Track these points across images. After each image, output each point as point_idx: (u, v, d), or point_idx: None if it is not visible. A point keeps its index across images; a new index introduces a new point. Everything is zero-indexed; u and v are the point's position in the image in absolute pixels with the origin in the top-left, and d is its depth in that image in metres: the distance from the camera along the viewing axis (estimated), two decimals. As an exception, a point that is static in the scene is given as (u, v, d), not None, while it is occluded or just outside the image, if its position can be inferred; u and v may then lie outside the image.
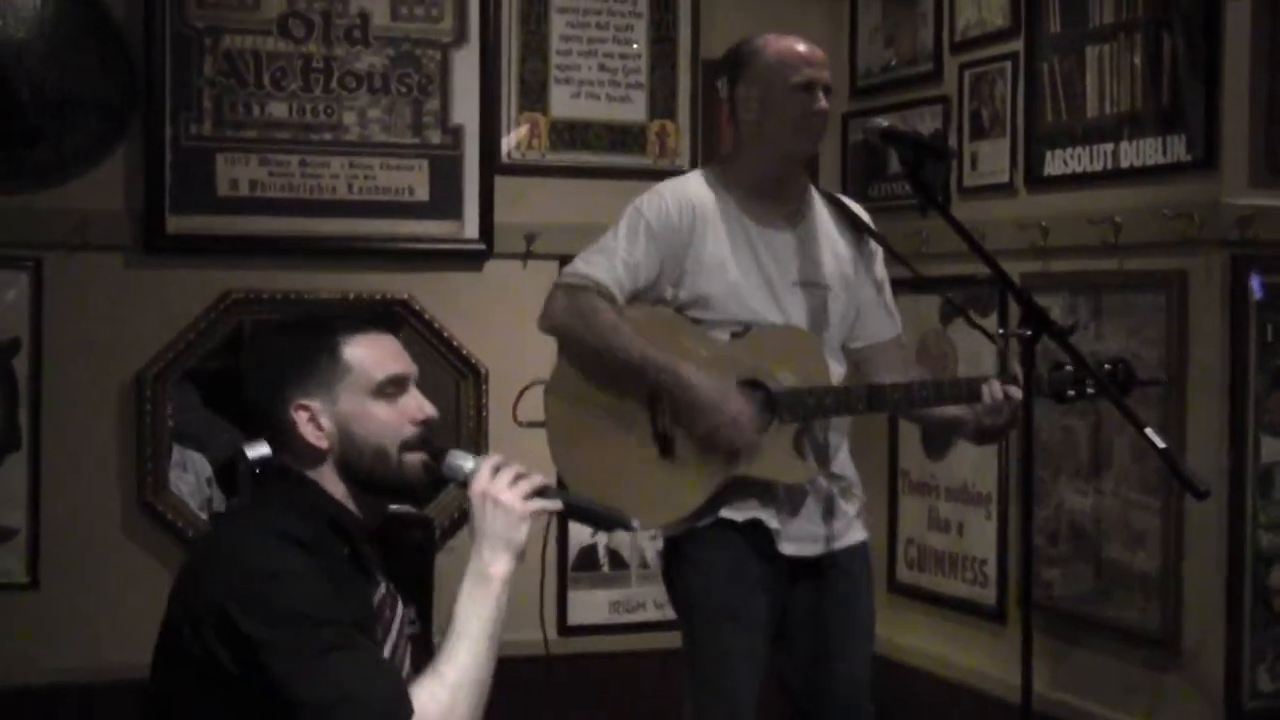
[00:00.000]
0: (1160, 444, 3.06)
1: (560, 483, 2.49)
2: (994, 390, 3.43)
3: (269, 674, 2.27)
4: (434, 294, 4.96)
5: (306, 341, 2.53)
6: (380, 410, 2.50)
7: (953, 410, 3.57)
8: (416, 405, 2.54)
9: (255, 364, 2.58)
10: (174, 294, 4.73)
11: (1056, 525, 4.38)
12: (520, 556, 2.45)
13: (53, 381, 4.62)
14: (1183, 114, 4.00)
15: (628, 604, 5.13)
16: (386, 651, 2.46)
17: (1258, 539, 3.92)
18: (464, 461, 2.53)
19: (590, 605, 5.10)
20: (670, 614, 3.74)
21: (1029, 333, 3.17)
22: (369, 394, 2.50)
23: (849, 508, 3.64)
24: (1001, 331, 4.36)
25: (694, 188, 3.60)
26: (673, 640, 3.72)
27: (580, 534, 5.07)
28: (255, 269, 4.81)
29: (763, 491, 3.51)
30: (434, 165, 4.96)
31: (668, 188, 3.62)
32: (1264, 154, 3.93)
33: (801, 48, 3.57)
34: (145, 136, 4.68)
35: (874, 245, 3.70)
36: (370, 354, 2.52)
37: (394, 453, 2.50)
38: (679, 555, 3.59)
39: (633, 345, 3.46)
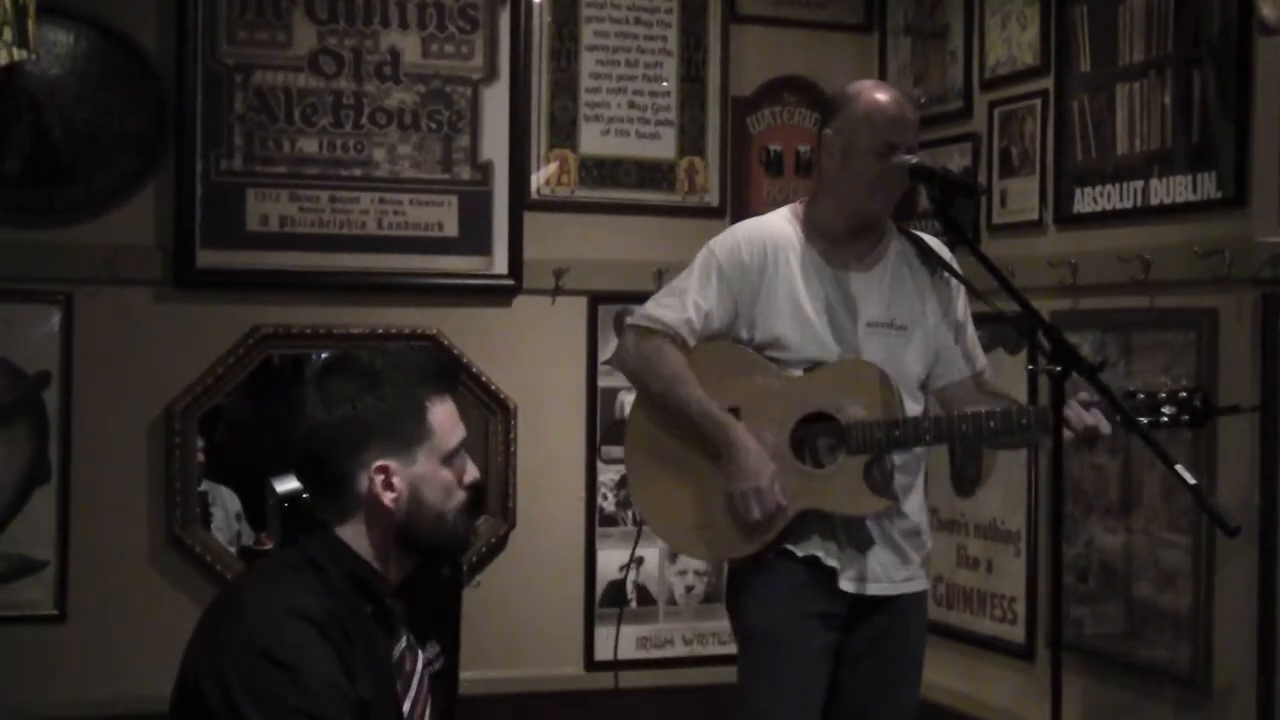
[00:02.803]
0: (1191, 481, 3.05)
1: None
2: (1081, 416, 3.35)
3: None
4: (463, 329, 4.96)
5: (394, 401, 2.49)
6: (445, 475, 2.51)
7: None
8: (468, 469, 2.57)
9: (335, 419, 2.48)
10: (204, 328, 4.75)
11: (1086, 563, 4.36)
12: None
13: (83, 415, 4.64)
14: (1213, 151, 3.99)
15: (655, 640, 5.09)
16: (407, 706, 2.48)
17: (1289, 578, 3.89)
18: None
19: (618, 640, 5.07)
20: (698, 649, 3.74)
21: (1059, 369, 3.16)
22: (440, 459, 2.51)
23: (915, 554, 3.62)
24: (1030, 368, 4.34)
25: (768, 226, 3.60)
26: (700, 676, 3.72)
27: (608, 570, 5.07)
28: (285, 304, 4.82)
29: (824, 527, 3.50)
30: (463, 201, 4.98)
31: (742, 227, 3.64)
32: (1294, 191, 3.92)
33: (891, 108, 3.49)
34: (176, 172, 4.70)
35: (955, 284, 3.66)
36: (446, 419, 2.53)
37: (450, 516, 2.52)
38: (741, 584, 3.60)
39: (692, 396, 3.49)
